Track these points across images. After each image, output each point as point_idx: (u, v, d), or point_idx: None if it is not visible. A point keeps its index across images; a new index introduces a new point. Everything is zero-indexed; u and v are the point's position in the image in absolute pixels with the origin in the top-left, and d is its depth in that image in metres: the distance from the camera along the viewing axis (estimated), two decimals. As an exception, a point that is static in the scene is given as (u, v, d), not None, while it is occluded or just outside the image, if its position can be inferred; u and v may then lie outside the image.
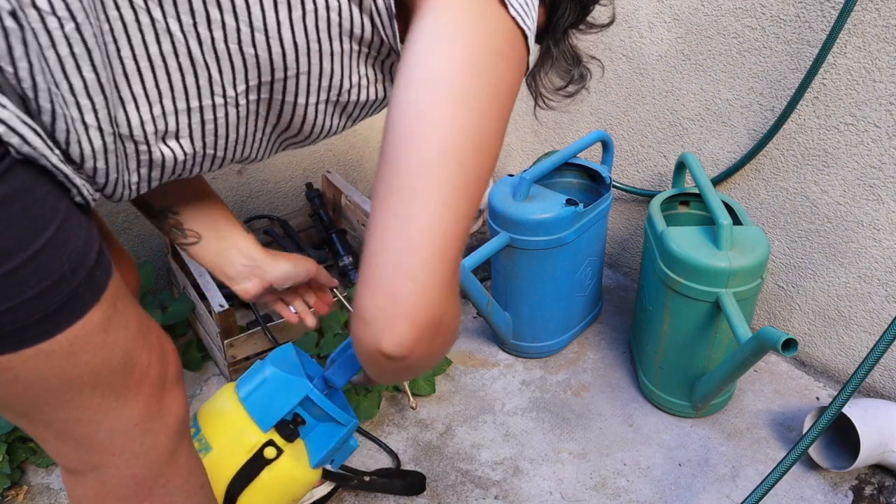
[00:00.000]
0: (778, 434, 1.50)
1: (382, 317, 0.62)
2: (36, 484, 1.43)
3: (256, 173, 1.95)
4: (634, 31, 1.64)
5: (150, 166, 0.71)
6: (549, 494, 1.40)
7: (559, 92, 0.86)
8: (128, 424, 0.77)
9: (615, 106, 1.77)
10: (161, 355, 0.79)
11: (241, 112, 0.71)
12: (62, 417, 0.72)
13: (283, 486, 1.08)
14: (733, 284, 1.32)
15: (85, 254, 0.65)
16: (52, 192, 0.61)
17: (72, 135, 0.61)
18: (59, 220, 0.62)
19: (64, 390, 0.69)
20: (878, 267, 1.44)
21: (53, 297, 0.63)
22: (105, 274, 0.69)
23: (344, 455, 1.17)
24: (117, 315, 0.71)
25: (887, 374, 1.50)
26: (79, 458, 0.78)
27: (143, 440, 0.79)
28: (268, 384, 1.05)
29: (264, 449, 1.04)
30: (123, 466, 0.79)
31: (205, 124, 0.70)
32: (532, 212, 1.49)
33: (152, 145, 0.68)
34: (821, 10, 1.34)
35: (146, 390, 0.77)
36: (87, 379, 0.70)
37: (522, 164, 2.10)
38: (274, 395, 1.04)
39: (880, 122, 1.34)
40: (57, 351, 0.65)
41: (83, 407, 0.72)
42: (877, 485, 1.39)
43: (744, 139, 1.55)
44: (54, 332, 0.64)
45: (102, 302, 0.68)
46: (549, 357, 1.72)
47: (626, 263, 1.98)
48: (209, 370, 1.70)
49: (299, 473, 1.08)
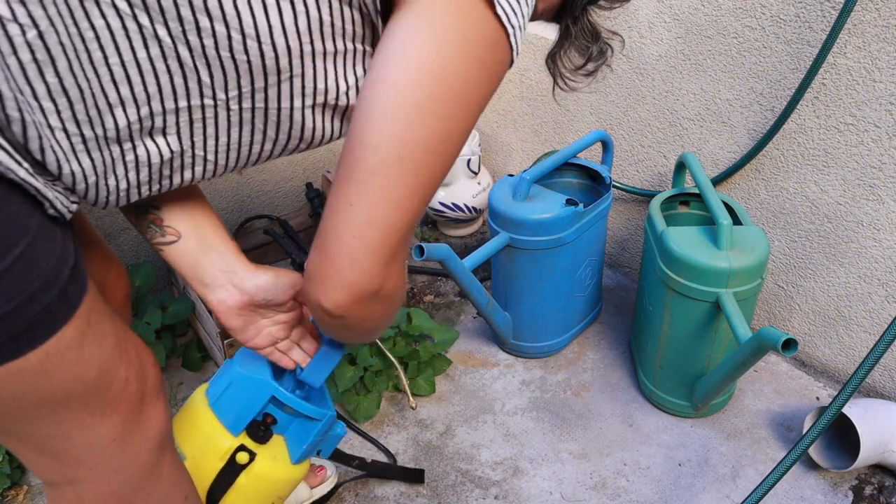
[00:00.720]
0: (778, 434, 1.50)
1: (323, 279, 0.69)
2: (36, 484, 1.43)
3: (256, 173, 1.95)
4: (634, 31, 1.64)
5: (136, 167, 0.69)
6: (549, 494, 1.40)
7: (579, 71, 0.83)
8: (105, 440, 0.75)
9: (615, 106, 1.77)
10: (140, 370, 0.78)
11: (232, 117, 0.70)
12: (36, 433, 0.71)
13: (263, 488, 1.05)
14: (733, 284, 1.32)
15: (58, 270, 0.64)
16: (23, 208, 0.60)
17: (44, 140, 0.61)
18: (30, 236, 0.61)
19: (36, 408, 0.68)
20: (878, 267, 1.44)
21: (23, 316, 0.61)
22: (79, 290, 0.68)
23: (331, 444, 1.13)
24: (91, 331, 0.69)
25: (887, 374, 1.50)
26: (55, 471, 0.77)
27: (122, 455, 0.77)
28: (234, 387, 1.01)
29: (236, 454, 1.00)
30: (101, 481, 0.78)
31: (193, 123, 0.69)
32: (532, 212, 1.49)
33: (136, 141, 0.67)
34: (821, 10, 1.34)
35: (124, 406, 0.75)
36: (59, 397, 0.69)
37: (522, 164, 2.10)
38: (241, 398, 1.00)
39: (880, 122, 1.34)
40: (28, 369, 0.64)
41: (57, 423, 0.71)
42: (877, 485, 1.39)
43: (744, 139, 1.55)
44: (24, 351, 0.63)
45: (76, 318, 0.67)
46: (549, 357, 1.72)
47: (626, 263, 1.98)
48: (209, 370, 1.70)
49: (278, 473, 1.05)
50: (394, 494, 1.40)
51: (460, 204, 2.05)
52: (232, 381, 1.01)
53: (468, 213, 2.08)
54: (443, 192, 2.04)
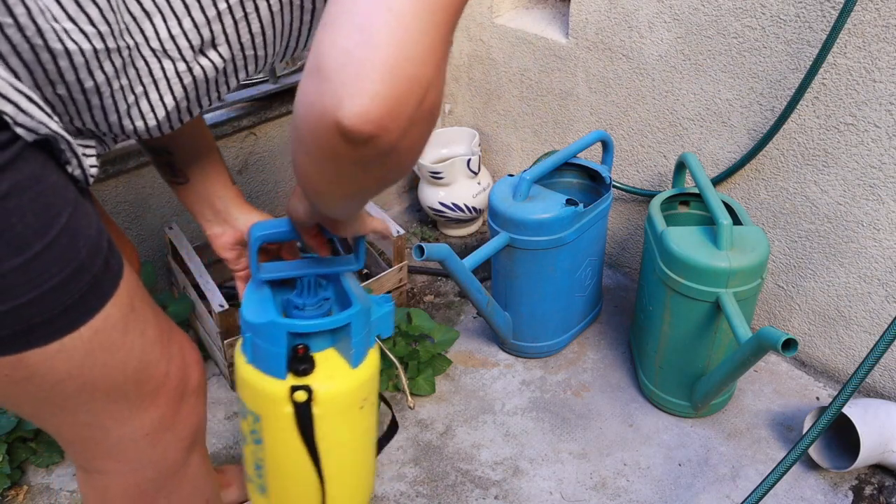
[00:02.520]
0: (778, 434, 1.50)
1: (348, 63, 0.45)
2: (36, 484, 1.43)
3: (256, 173, 1.95)
4: (634, 31, 1.64)
5: (183, 87, 0.66)
6: (549, 494, 1.40)
7: None
8: (138, 434, 0.75)
9: (615, 106, 1.77)
10: (182, 366, 0.77)
11: (273, 5, 0.65)
12: (73, 420, 0.71)
13: (341, 406, 0.98)
14: (733, 284, 1.32)
15: (98, 240, 0.64)
16: (60, 180, 0.60)
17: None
18: (71, 207, 0.61)
19: (78, 393, 0.68)
20: (878, 267, 1.44)
21: (76, 285, 0.61)
22: (118, 263, 0.68)
23: (385, 324, 1.04)
24: (134, 315, 0.69)
25: (887, 374, 1.50)
26: (86, 459, 0.77)
27: (152, 451, 0.77)
28: (252, 336, 0.96)
29: (293, 396, 0.94)
30: (129, 474, 0.78)
31: (237, 24, 0.64)
32: (532, 212, 1.49)
33: (190, 62, 0.64)
34: (821, 10, 1.34)
35: (162, 401, 0.75)
36: (100, 384, 0.68)
37: (522, 164, 2.10)
38: (263, 344, 0.95)
39: (880, 122, 1.34)
40: (78, 347, 0.64)
41: (94, 412, 0.71)
42: (877, 485, 1.39)
43: (744, 139, 1.55)
44: (77, 325, 0.63)
45: (119, 295, 0.66)
46: (549, 357, 1.72)
47: (626, 263, 1.98)
48: (209, 370, 1.70)
49: (344, 386, 0.97)
50: (394, 494, 1.40)
51: (460, 204, 2.05)
52: (246, 332, 0.97)
53: (468, 213, 2.08)
54: (443, 192, 2.04)
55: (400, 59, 0.45)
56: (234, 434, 1.54)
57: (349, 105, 0.45)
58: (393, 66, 0.45)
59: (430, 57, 0.47)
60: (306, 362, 0.95)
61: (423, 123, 0.51)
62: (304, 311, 0.95)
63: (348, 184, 0.58)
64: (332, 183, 0.58)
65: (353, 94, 0.45)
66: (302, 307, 0.95)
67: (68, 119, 0.62)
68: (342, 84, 0.45)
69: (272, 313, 0.93)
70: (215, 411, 1.60)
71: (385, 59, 0.45)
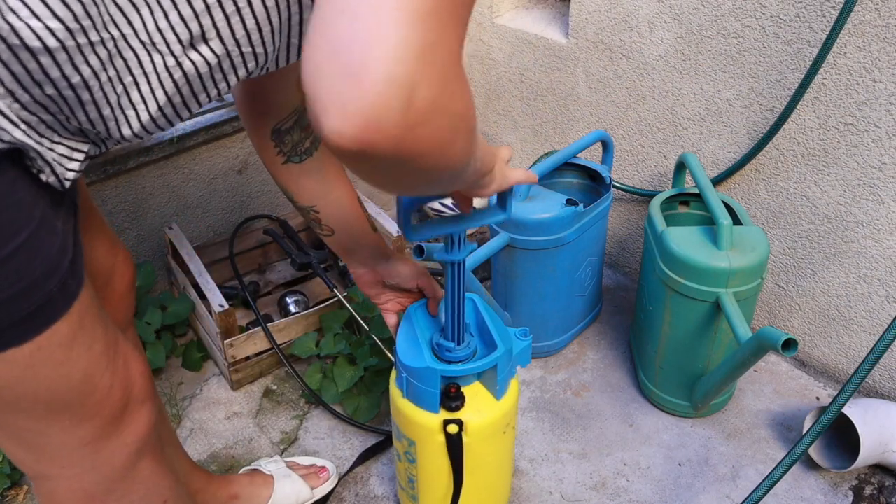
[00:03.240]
0: (778, 434, 1.50)
1: (319, 79, 0.43)
2: (36, 484, 1.43)
3: (256, 174, 1.95)
4: (634, 31, 1.64)
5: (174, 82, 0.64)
6: (549, 494, 1.40)
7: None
8: (80, 442, 0.75)
9: (615, 106, 1.77)
10: (126, 377, 0.78)
11: (267, 0, 0.64)
12: (13, 424, 0.71)
13: (488, 433, 1.11)
14: (733, 284, 1.32)
15: (59, 261, 0.64)
16: (27, 197, 0.60)
17: None
18: (34, 226, 0.61)
19: (18, 401, 0.68)
20: (878, 267, 1.44)
21: (25, 302, 0.61)
22: (77, 284, 0.68)
23: (524, 357, 1.14)
24: (83, 332, 0.69)
25: (887, 374, 1.50)
26: (30, 465, 0.78)
27: (96, 457, 0.78)
28: (409, 377, 1.08)
29: (447, 428, 1.07)
30: (73, 479, 0.78)
31: (229, 19, 0.63)
32: (532, 212, 1.49)
33: (179, 56, 0.62)
34: (821, 10, 1.34)
35: (105, 413, 0.75)
36: (42, 394, 0.68)
37: (522, 164, 2.10)
38: (418, 385, 1.07)
39: (880, 122, 1.34)
40: (18, 360, 0.64)
41: (36, 419, 0.71)
42: (877, 485, 1.39)
43: (744, 139, 1.55)
44: (22, 340, 0.63)
45: (71, 314, 0.66)
46: (549, 357, 1.72)
47: (626, 263, 1.98)
48: (209, 370, 1.70)
49: (491, 417, 1.09)
50: (394, 494, 1.40)
51: (460, 204, 2.05)
52: (402, 373, 1.09)
53: (468, 213, 2.07)
54: (443, 192, 2.04)
55: (367, 61, 0.41)
56: (234, 434, 1.54)
57: (326, 125, 0.43)
58: (359, 72, 0.41)
59: (404, 53, 0.42)
60: (458, 399, 1.07)
61: (429, 123, 0.45)
62: (452, 353, 1.07)
63: (401, 185, 0.54)
64: (388, 185, 0.54)
65: (328, 113, 0.43)
66: (451, 350, 1.07)
67: (64, 119, 0.61)
68: (317, 101, 0.43)
69: (427, 358, 1.06)
70: (215, 411, 1.59)
71: (347, 66, 0.42)
